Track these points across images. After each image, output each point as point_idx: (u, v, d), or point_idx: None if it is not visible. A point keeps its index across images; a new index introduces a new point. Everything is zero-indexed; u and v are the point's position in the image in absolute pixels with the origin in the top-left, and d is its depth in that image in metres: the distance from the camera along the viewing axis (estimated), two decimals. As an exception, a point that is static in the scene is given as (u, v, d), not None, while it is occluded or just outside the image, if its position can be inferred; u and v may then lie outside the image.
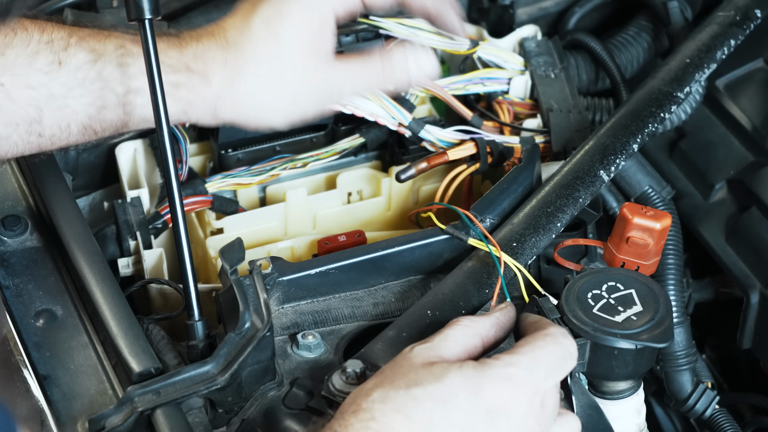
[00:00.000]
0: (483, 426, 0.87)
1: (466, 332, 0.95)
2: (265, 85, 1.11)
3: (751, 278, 1.26)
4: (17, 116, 1.04)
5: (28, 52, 1.05)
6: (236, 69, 1.11)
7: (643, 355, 1.00)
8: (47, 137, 1.07)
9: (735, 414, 1.31)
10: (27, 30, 1.06)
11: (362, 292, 1.13)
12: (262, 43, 1.11)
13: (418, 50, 1.17)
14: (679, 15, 1.46)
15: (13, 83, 1.04)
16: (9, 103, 1.04)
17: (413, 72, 1.16)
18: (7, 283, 1.12)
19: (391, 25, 1.35)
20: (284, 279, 1.10)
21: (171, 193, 1.04)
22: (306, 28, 1.11)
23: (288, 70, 1.11)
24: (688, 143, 1.39)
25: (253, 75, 1.11)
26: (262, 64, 1.11)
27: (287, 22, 1.11)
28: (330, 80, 1.14)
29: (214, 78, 1.10)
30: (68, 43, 1.07)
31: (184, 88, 1.09)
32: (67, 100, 1.06)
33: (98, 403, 1.01)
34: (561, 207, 1.15)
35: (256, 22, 1.12)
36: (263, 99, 1.12)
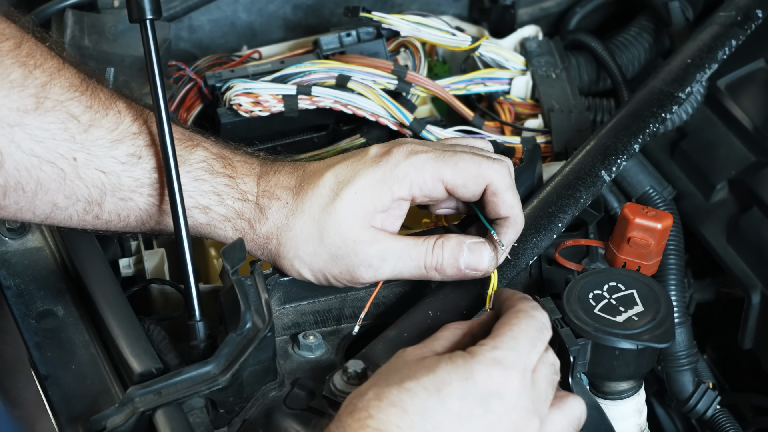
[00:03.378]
0: (478, 411, 0.88)
1: (456, 333, 0.96)
2: (307, 239, 1.07)
3: (753, 278, 1.25)
4: (80, 192, 1.03)
5: (112, 137, 1.04)
6: (290, 216, 1.07)
7: (644, 355, 1.00)
8: (103, 221, 1.06)
9: (736, 414, 1.31)
10: (119, 113, 1.05)
11: (363, 293, 1.13)
12: (321, 199, 1.07)
13: (476, 243, 1.07)
14: (680, 15, 1.46)
15: (86, 162, 1.03)
16: (76, 178, 1.03)
17: (464, 264, 1.07)
18: (8, 283, 1.12)
19: (394, 21, 1.35)
20: (285, 279, 1.10)
21: (172, 193, 1.04)
22: (369, 199, 1.06)
23: (331, 233, 1.06)
24: (690, 143, 1.39)
25: (300, 227, 1.07)
26: (311, 218, 1.07)
27: (355, 185, 1.06)
28: (371, 251, 1.06)
29: (271, 218, 1.08)
30: (154, 140, 1.06)
31: (245, 220, 1.08)
32: (134, 194, 1.05)
33: (99, 403, 1.01)
34: (562, 207, 1.15)
35: (329, 176, 1.07)
36: (302, 251, 1.07)
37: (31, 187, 1.02)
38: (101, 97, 1.05)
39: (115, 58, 1.35)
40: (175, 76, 1.38)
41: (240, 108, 1.31)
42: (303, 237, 1.07)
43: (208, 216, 1.08)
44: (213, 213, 1.08)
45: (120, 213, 1.06)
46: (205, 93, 1.36)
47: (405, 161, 1.06)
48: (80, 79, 1.04)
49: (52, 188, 1.02)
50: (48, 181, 1.02)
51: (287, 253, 1.08)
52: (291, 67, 1.34)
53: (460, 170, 1.06)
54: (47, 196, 1.03)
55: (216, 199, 1.08)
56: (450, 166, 1.06)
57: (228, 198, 1.08)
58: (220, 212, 1.08)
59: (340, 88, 1.32)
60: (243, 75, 1.35)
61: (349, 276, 1.07)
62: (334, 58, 1.37)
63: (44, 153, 1.01)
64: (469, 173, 1.06)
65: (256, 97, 1.31)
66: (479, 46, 1.39)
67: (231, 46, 1.53)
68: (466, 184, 1.06)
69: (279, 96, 1.31)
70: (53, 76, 1.02)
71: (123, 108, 1.06)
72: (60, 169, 1.02)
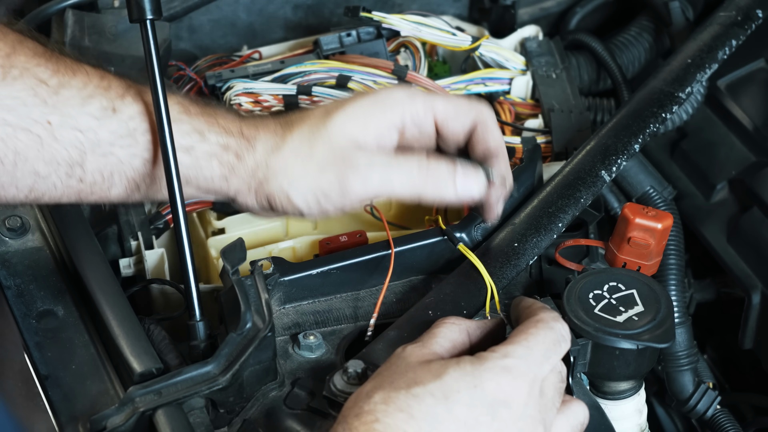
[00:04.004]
0: (485, 419, 0.87)
1: (453, 329, 0.96)
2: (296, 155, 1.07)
3: (753, 278, 1.25)
4: (59, 156, 1.02)
5: (83, 94, 1.03)
6: (279, 141, 1.07)
7: (644, 355, 1.01)
8: (88, 183, 1.05)
9: (736, 414, 1.31)
10: (88, 74, 1.04)
11: (364, 293, 1.13)
12: (311, 121, 1.08)
13: (468, 168, 1.09)
14: (680, 15, 1.46)
15: (61, 123, 1.02)
16: (53, 141, 1.01)
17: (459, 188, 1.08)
18: (8, 283, 1.12)
19: (394, 21, 1.35)
20: (285, 279, 1.10)
21: (172, 193, 1.04)
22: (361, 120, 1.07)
23: (320, 143, 1.06)
24: (690, 143, 1.39)
25: (289, 147, 1.07)
26: (301, 137, 1.07)
27: (346, 108, 1.08)
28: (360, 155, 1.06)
29: (259, 146, 1.07)
30: (126, 92, 1.06)
31: (231, 153, 1.07)
32: (113, 147, 1.04)
33: (99, 403, 1.01)
34: (562, 207, 1.15)
35: (318, 109, 1.10)
36: (290, 168, 1.07)
37: (10, 158, 1.00)
38: (67, 62, 1.04)
39: (116, 58, 1.35)
40: (175, 76, 1.38)
41: (240, 108, 1.31)
42: (293, 156, 1.07)
43: (191, 156, 1.06)
44: (196, 152, 1.06)
45: (103, 171, 1.04)
46: (205, 93, 1.37)
47: (398, 90, 1.10)
48: (43, 49, 1.03)
49: (31, 156, 1.01)
50: (25, 149, 1.00)
51: (275, 176, 1.07)
52: (291, 67, 1.34)
53: (452, 102, 1.10)
54: (27, 165, 1.01)
55: (198, 137, 1.06)
56: (441, 98, 1.10)
57: (210, 134, 1.07)
58: (204, 149, 1.06)
59: (341, 88, 1.32)
60: (243, 75, 1.35)
61: (339, 188, 1.06)
62: (334, 58, 1.37)
63: (17, 120, 1.00)
64: (461, 105, 1.10)
65: (257, 97, 1.31)
66: (479, 46, 1.39)
67: (231, 46, 1.53)
68: (457, 115, 1.09)
69: (279, 96, 1.31)
70: (15, 48, 1.01)
71: (90, 69, 1.05)
72: (36, 135, 1.00)
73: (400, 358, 0.92)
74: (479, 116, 1.10)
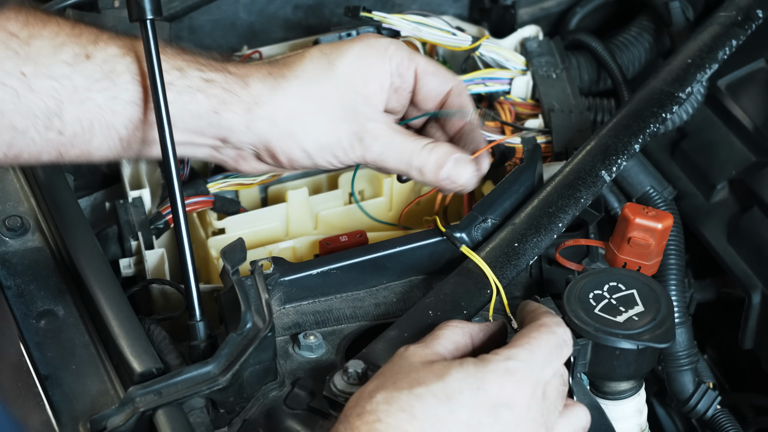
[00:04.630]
0: (488, 420, 0.87)
1: (456, 331, 0.96)
2: (307, 101, 1.07)
3: (753, 278, 1.25)
4: (36, 107, 1.01)
5: (55, 43, 1.02)
6: (280, 79, 1.07)
7: (644, 355, 1.01)
8: (67, 136, 1.03)
9: (736, 414, 1.31)
10: (59, 24, 1.03)
11: (364, 293, 1.13)
12: (313, 65, 1.08)
13: (462, 161, 1.11)
14: (680, 15, 1.46)
15: (35, 73, 1.01)
16: (29, 93, 1.00)
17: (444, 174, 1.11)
18: (8, 283, 1.12)
19: (395, 21, 1.35)
20: (286, 279, 1.10)
21: (173, 194, 1.04)
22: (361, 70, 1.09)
23: (333, 93, 1.07)
24: (690, 143, 1.39)
25: (297, 88, 1.07)
26: (309, 80, 1.07)
27: (346, 55, 1.09)
28: (369, 126, 1.09)
29: (254, 83, 1.07)
30: (98, 37, 1.04)
31: (218, 86, 1.06)
32: (90, 92, 1.03)
33: (100, 403, 1.01)
34: (562, 207, 1.15)
35: (313, 50, 1.11)
36: (302, 114, 1.07)
37: None
38: (37, 14, 1.03)
39: (116, 58, 1.34)
40: (175, 76, 1.38)
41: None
42: (303, 97, 1.07)
43: (172, 91, 1.05)
44: (176, 87, 1.05)
45: (82, 120, 1.03)
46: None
47: (383, 39, 1.14)
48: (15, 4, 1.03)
49: (7, 110, 1.00)
50: (1, 103, 1.00)
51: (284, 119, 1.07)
52: (291, 67, 1.34)
53: (433, 62, 1.16)
54: (4, 120, 1.00)
55: (177, 74, 1.06)
56: (423, 57, 1.15)
57: (190, 70, 1.06)
58: (185, 83, 1.06)
59: (341, 88, 1.32)
60: (243, 75, 1.35)
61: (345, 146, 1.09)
62: (334, 58, 1.37)
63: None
64: (441, 67, 1.15)
65: (257, 97, 1.31)
66: (479, 46, 1.39)
67: (231, 46, 1.53)
68: (437, 73, 1.14)
69: (279, 96, 1.31)
70: None
71: (61, 20, 1.04)
72: (11, 87, 1.00)
73: (402, 358, 0.92)
74: (457, 84, 1.15)
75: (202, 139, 1.09)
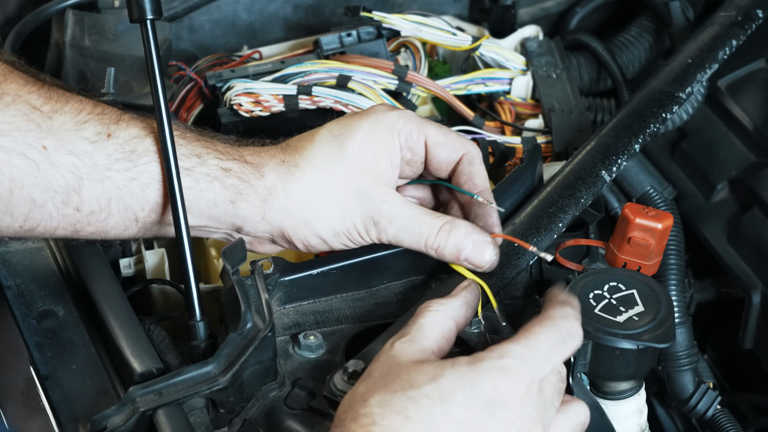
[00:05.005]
0: (482, 419, 0.87)
1: (439, 317, 0.96)
2: (321, 189, 1.07)
3: (753, 278, 1.25)
4: (56, 182, 1.01)
5: (77, 119, 1.03)
6: (293, 168, 1.08)
7: (644, 355, 1.00)
8: (85, 213, 1.03)
9: (737, 414, 1.31)
10: (81, 102, 1.04)
11: (364, 293, 1.13)
12: (325, 150, 1.08)
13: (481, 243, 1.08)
14: (680, 15, 1.46)
15: (56, 147, 1.01)
16: (49, 167, 1.01)
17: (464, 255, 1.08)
18: (8, 283, 1.12)
19: (395, 21, 1.35)
20: (286, 279, 1.10)
21: (173, 193, 1.04)
22: (371, 150, 1.08)
23: (345, 181, 1.07)
24: (690, 143, 1.39)
25: (310, 177, 1.07)
26: (321, 168, 1.08)
27: (355, 137, 1.08)
28: (383, 209, 1.08)
29: (269, 172, 1.07)
30: (120, 117, 1.05)
31: (234, 176, 1.06)
32: (110, 172, 1.03)
33: (100, 403, 1.01)
34: (562, 207, 1.15)
35: (323, 133, 1.10)
36: (316, 203, 1.07)
37: (5, 185, 0.99)
38: (59, 91, 1.04)
39: (116, 58, 1.35)
40: (175, 76, 1.38)
41: (240, 108, 1.31)
42: (316, 188, 1.07)
43: (191, 178, 1.05)
44: (195, 174, 1.06)
45: (100, 199, 1.03)
46: (205, 93, 1.37)
47: (391, 112, 1.11)
48: (34, 78, 1.04)
49: (27, 183, 1.00)
50: (21, 175, 1.00)
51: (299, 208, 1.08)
52: (291, 67, 1.34)
53: (443, 131, 1.12)
54: (23, 192, 1.00)
55: (196, 160, 1.06)
56: (433, 125, 1.12)
57: (209, 158, 1.06)
58: (204, 171, 1.06)
59: (341, 88, 1.32)
60: (243, 75, 1.35)
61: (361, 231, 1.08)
62: (334, 58, 1.37)
63: (12, 145, 0.99)
64: (451, 135, 1.12)
65: (257, 97, 1.31)
66: (480, 45, 1.39)
67: (231, 46, 1.53)
68: (446, 143, 1.11)
69: (279, 96, 1.31)
70: (6, 76, 1.01)
71: (82, 97, 1.05)
72: (32, 160, 1.00)
73: (390, 357, 0.92)
74: (468, 152, 1.12)
75: (218, 225, 1.10)
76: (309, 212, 1.07)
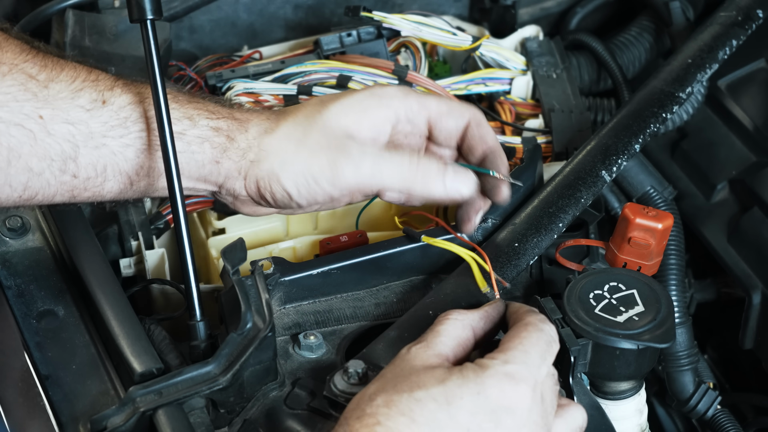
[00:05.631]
0: (488, 425, 0.87)
1: (457, 325, 0.96)
2: (290, 138, 1.08)
3: (753, 278, 1.25)
4: (52, 151, 1.02)
5: (72, 87, 1.03)
6: (273, 123, 1.08)
7: (644, 355, 1.00)
8: (81, 179, 1.05)
9: (737, 414, 1.31)
10: (75, 69, 1.05)
11: (364, 293, 1.13)
12: (308, 110, 1.09)
13: (458, 167, 1.11)
14: (680, 15, 1.46)
15: (52, 116, 1.02)
16: (46, 136, 1.02)
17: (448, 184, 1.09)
18: (8, 283, 1.12)
19: (395, 20, 1.35)
20: (286, 279, 1.10)
21: (173, 193, 1.04)
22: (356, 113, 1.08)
23: (314, 129, 1.07)
24: (690, 143, 1.39)
25: (284, 129, 1.08)
26: (297, 121, 1.08)
27: (342, 100, 1.09)
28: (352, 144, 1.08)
29: (252, 127, 1.08)
30: (114, 84, 1.06)
31: (223, 135, 1.07)
32: (105, 139, 1.04)
33: (100, 403, 1.02)
34: (563, 207, 1.15)
35: (313, 100, 1.12)
36: (283, 152, 1.07)
37: (3, 155, 1.00)
38: (53, 58, 1.04)
39: (116, 58, 1.35)
40: (175, 76, 1.38)
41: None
42: (285, 139, 1.08)
43: (183, 141, 1.06)
44: (187, 137, 1.07)
45: (96, 165, 1.04)
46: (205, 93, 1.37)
47: (390, 87, 1.12)
48: (29, 46, 1.04)
49: (24, 152, 1.01)
50: (19, 145, 1.01)
51: (266, 157, 1.08)
52: (292, 67, 1.34)
53: (445, 101, 1.13)
54: (21, 161, 1.01)
55: (188, 123, 1.07)
56: (434, 98, 1.13)
57: (200, 118, 1.07)
58: (195, 134, 1.07)
59: (341, 88, 1.32)
60: (244, 75, 1.35)
61: (330, 172, 1.07)
62: (334, 58, 1.37)
63: (9, 116, 1.00)
64: (453, 104, 1.12)
65: (257, 97, 1.31)
66: (480, 45, 1.39)
67: (232, 46, 1.53)
68: (450, 113, 1.11)
69: (280, 96, 1.31)
70: (1, 45, 1.01)
71: (76, 64, 1.06)
72: (29, 130, 1.01)
73: (404, 360, 0.92)
74: (473, 116, 1.12)
75: (205, 186, 1.10)
76: (276, 162, 1.07)
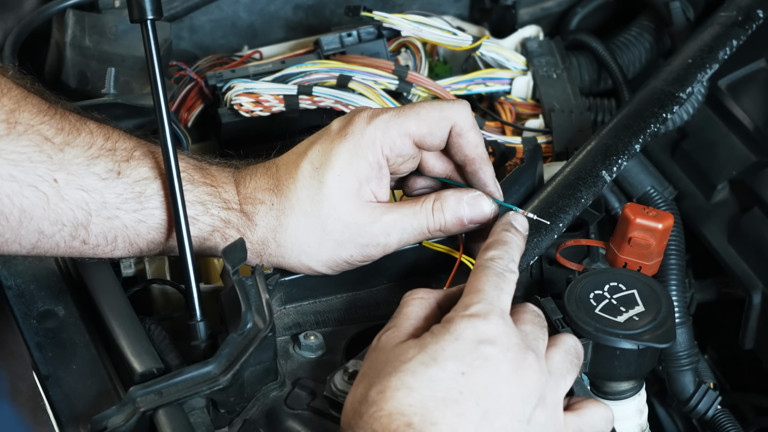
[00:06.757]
0: (478, 362, 0.89)
1: (423, 304, 0.98)
2: (308, 233, 1.07)
3: (753, 278, 1.25)
4: (65, 216, 1.02)
5: (88, 154, 1.03)
6: (281, 216, 1.08)
7: (645, 355, 1.00)
8: (91, 246, 1.04)
9: (737, 414, 1.31)
10: (92, 133, 1.04)
11: (364, 293, 1.13)
12: (306, 190, 1.07)
13: (473, 197, 1.09)
14: (681, 15, 1.46)
15: (67, 181, 1.01)
16: (59, 201, 1.01)
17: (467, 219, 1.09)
18: (9, 283, 1.12)
19: (395, 20, 1.35)
20: (286, 279, 1.10)
21: (173, 193, 1.04)
22: (352, 175, 1.07)
23: (330, 220, 1.07)
24: (690, 143, 1.39)
25: (296, 223, 1.07)
26: (305, 210, 1.07)
27: (334, 166, 1.07)
28: (375, 230, 1.08)
29: (260, 222, 1.08)
30: (131, 155, 1.05)
31: (233, 228, 1.08)
32: (119, 211, 1.04)
33: (100, 403, 1.01)
34: (563, 207, 1.15)
35: (305, 165, 1.08)
36: (306, 246, 1.08)
37: (15, 216, 1.00)
38: (71, 120, 1.04)
39: (116, 58, 1.35)
40: (176, 76, 1.38)
41: (241, 108, 1.31)
42: (303, 232, 1.07)
43: (195, 227, 1.07)
44: (200, 223, 1.07)
45: (107, 235, 1.04)
46: (205, 93, 1.37)
47: (369, 126, 1.07)
48: (47, 106, 1.03)
49: (36, 214, 1.00)
50: (31, 207, 1.00)
51: (291, 252, 1.08)
52: (292, 67, 1.34)
53: (423, 118, 1.07)
54: (32, 223, 1.01)
55: (201, 209, 1.07)
56: (412, 118, 1.07)
57: (213, 207, 1.07)
58: (207, 222, 1.07)
59: (341, 88, 1.32)
60: (244, 75, 1.35)
61: (361, 256, 1.08)
62: (335, 58, 1.37)
63: (23, 176, 0.99)
64: (432, 118, 1.07)
65: (257, 97, 1.31)
66: (480, 45, 1.39)
67: (232, 46, 1.53)
68: (432, 131, 1.08)
69: (280, 96, 1.31)
70: (20, 104, 1.01)
71: (94, 128, 1.05)
72: (42, 192, 1.00)
73: (376, 350, 0.94)
74: (455, 126, 1.08)
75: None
76: (302, 255, 1.08)
